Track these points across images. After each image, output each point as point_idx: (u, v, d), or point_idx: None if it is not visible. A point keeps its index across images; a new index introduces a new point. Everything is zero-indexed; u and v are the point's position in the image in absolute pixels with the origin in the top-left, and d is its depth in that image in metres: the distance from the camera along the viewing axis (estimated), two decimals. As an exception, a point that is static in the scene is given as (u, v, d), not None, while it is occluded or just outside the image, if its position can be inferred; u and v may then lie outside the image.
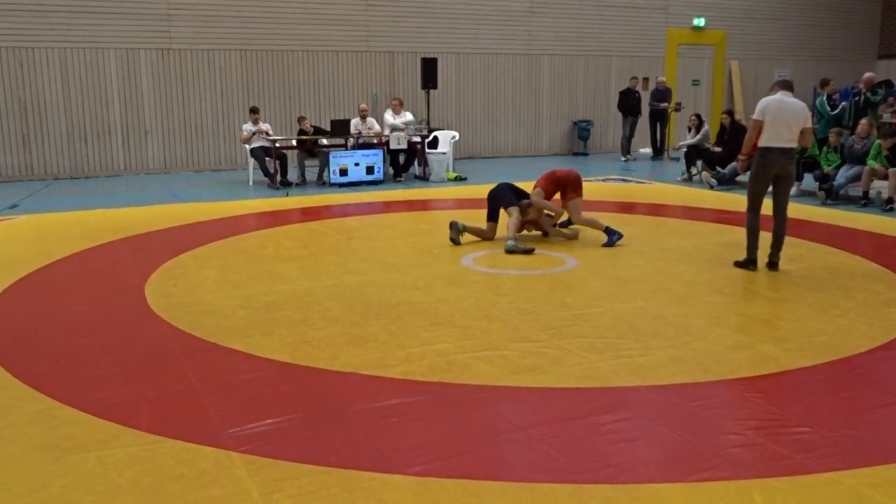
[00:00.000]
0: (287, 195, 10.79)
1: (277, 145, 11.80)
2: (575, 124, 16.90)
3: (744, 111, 17.42)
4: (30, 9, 12.17)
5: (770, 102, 6.11)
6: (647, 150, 16.23)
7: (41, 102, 12.54)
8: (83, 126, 12.87)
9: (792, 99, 6.15)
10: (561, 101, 16.88)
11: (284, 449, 3.23)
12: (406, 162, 12.57)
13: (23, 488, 2.95)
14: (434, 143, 13.03)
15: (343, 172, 11.61)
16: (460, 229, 7.32)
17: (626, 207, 9.60)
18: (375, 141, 12.27)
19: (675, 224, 8.56)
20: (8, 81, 12.27)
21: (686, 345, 4.53)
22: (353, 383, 3.98)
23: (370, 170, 11.82)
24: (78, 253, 7.08)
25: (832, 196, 9.77)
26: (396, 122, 12.44)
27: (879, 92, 12.36)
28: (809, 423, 3.46)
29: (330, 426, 3.47)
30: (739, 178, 11.00)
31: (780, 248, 6.29)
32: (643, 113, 15.63)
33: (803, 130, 6.12)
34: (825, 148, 10.53)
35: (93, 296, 5.69)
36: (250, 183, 11.93)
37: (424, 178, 12.61)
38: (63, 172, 12.85)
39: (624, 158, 15.36)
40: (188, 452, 3.20)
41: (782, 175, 6.15)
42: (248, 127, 11.91)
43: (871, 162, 9.56)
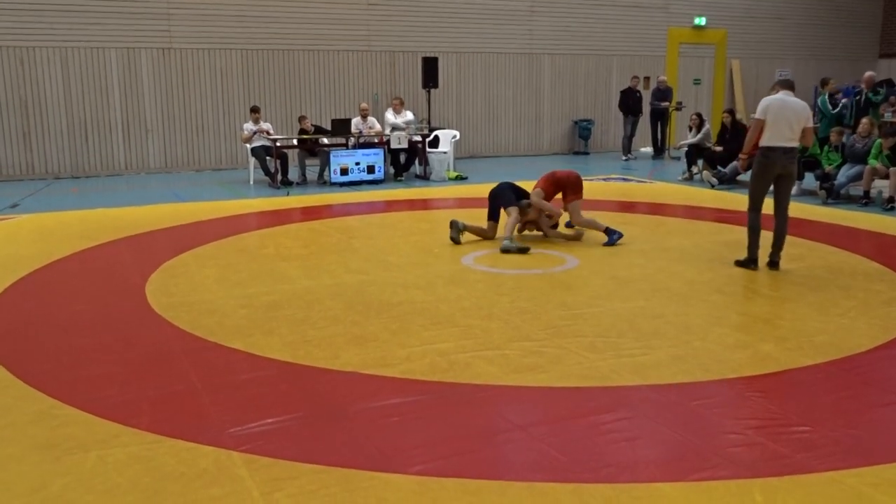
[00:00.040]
0: (288, 194, 10.80)
1: (278, 144, 11.80)
2: (576, 123, 16.90)
3: (745, 110, 17.42)
4: (31, 8, 12.18)
5: (772, 102, 6.10)
6: (648, 150, 16.22)
7: (42, 101, 12.55)
8: (84, 125, 12.88)
9: (793, 98, 6.15)
10: (562, 101, 16.87)
11: (285, 448, 3.23)
12: (407, 161, 12.57)
13: (23, 488, 2.95)
14: (435, 143, 13.04)
15: (344, 172, 11.61)
16: (461, 228, 7.32)
17: (627, 207, 9.59)
18: (376, 140, 12.27)
19: (676, 223, 8.55)
20: (9, 80, 12.28)
21: (686, 344, 4.53)
22: (354, 382, 3.98)
23: (371, 169, 11.82)
24: (79, 252, 7.09)
25: (833, 195, 9.77)
26: (397, 122, 12.44)
27: (881, 91, 12.35)
28: (810, 423, 3.46)
29: (330, 425, 3.47)
30: (740, 178, 11.01)
31: (781, 248, 6.29)
32: (644, 112, 15.62)
33: (804, 130, 6.12)
34: (826, 147, 10.52)
35: (93, 295, 5.70)
36: (251, 182, 11.94)
37: (425, 178, 12.61)
38: (64, 171, 12.85)
39: (625, 158, 15.35)
40: (188, 452, 3.20)
41: (784, 174, 6.15)
42: (249, 126, 11.91)
43: (872, 161, 9.55)
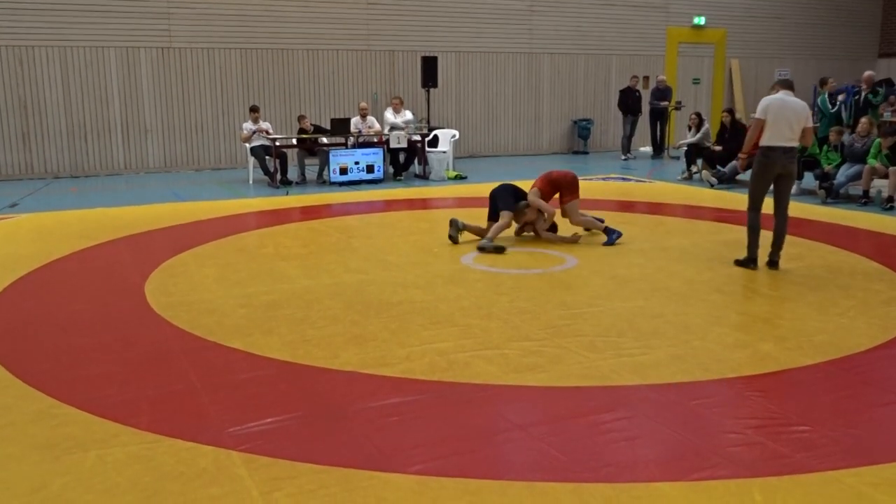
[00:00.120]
0: (287, 194, 10.79)
1: (277, 144, 11.80)
2: (575, 123, 16.89)
3: (744, 110, 17.43)
4: (30, 7, 12.16)
5: (772, 101, 6.10)
6: (648, 149, 16.22)
7: (41, 101, 12.53)
8: (83, 124, 12.87)
9: (793, 98, 6.15)
10: (561, 100, 16.87)
11: (284, 448, 3.23)
12: (406, 161, 12.57)
13: (23, 487, 2.95)
14: (434, 142, 13.03)
15: (343, 171, 11.61)
16: (460, 227, 7.32)
17: (627, 206, 9.59)
18: (375, 140, 12.26)
19: (676, 223, 8.55)
20: (8, 80, 12.26)
21: (686, 343, 4.53)
22: (353, 382, 3.98)
23: (370, 168, 11.82)
24: (78, 252, 7.08)
25: (832, 195, 9.77)
26: (396, 121, 12.43)
27: (880, 91, 12.34)
28: (809, 422, 3.46)
29: (330, 425, 3.46)
30: (739, 177, 11.01)
31: (781, 247, 6.29)
32: (643, 112, 15.62)
33: (804, 130, 6.13)
34: (825, 146, 10.53)
35: (93, 295, 5.69)
36: (250, 182, 11.93)
37: (424, 177, 12.60)
38: (63, 171, 12.84)
39: (624, 157, 15.35)
40: (188, 451, 3.20)
41: (784, 174, 6.15)
42: (249, 125, 11.91)
43: (872, 161, 9.56)
